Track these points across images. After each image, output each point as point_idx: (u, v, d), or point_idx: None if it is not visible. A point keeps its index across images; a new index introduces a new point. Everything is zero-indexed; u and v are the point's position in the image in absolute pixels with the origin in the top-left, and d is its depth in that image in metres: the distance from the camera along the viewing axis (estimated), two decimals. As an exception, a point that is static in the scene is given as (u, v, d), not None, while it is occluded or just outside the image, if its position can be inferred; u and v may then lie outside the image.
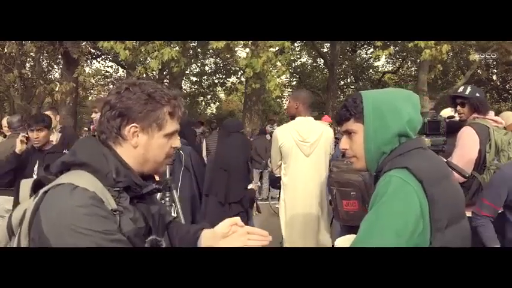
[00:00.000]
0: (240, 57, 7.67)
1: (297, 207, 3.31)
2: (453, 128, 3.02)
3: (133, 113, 1.13)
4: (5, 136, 5.14)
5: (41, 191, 1.08)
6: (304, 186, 3.29)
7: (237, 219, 1.26)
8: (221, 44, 6.52)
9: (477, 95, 2.95)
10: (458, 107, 3.05)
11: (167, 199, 3.03)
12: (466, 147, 2.81)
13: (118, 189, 1.10)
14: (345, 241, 1.46)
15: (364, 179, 2.79)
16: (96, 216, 1.01)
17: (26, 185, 1.21)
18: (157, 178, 1.41)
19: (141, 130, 1.14)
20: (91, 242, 0.99)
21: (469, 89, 3.02)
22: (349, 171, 2.87)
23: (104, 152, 1.13)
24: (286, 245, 3.36)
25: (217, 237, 1.25)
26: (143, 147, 1.16)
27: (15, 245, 1.09)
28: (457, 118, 3.14)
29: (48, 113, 4.68)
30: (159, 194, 2.84)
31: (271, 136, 6.43)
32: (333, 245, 1.50)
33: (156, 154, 1.18)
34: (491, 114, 2.93)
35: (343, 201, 2.86)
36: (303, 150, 3.28)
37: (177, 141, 1.23)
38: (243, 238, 1.22)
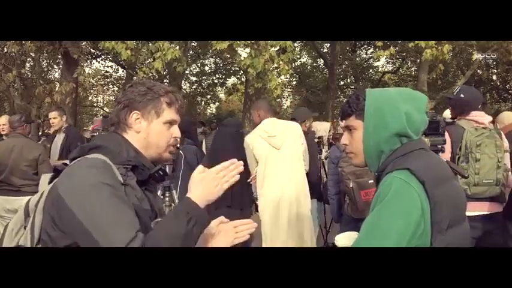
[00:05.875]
0: (241, 56, 7.61)
1: (274, 201, 3.32)
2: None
3: (134, 103, 1.31)
4: (1, 136, 5.13)
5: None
6: (282, 181, 3.32)
7: (222, 217, 1.40)
8: (224, 45, 6.50)
9: (461, 96, 2.86)
10: (450, 107, 3.08)
11: (167, 199, 3.02)
12: None
13: (126, 167, 1.23)
14: (345, 238, 1.46)
15: None
16: (106, 174, 1.16)
17: (45, 177, 1.40)
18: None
19: (141, 117, 1.32)
20: (100, 192, 1.11)
21: (457, 90, 2.98)
22: None
23: (117, 139, 1.31)
24: (267, 242, 3.25)
25: (207, 238, 1.35)
26: (144, 131, 1.32)
27: (29, 224, 1.22)
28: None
29: (54, 113, 4.72)
30: (159, 191, 2.84)
31: None
32: (333, 243, 1.49)
33: (157, 139, 1.33)
34: (473, 114, 2.83)
35: (361, 192, 2.86)
36: (272, 144, 3.35)
37: (177, 131, 1.36)
38: (231, 234, 1.36)
